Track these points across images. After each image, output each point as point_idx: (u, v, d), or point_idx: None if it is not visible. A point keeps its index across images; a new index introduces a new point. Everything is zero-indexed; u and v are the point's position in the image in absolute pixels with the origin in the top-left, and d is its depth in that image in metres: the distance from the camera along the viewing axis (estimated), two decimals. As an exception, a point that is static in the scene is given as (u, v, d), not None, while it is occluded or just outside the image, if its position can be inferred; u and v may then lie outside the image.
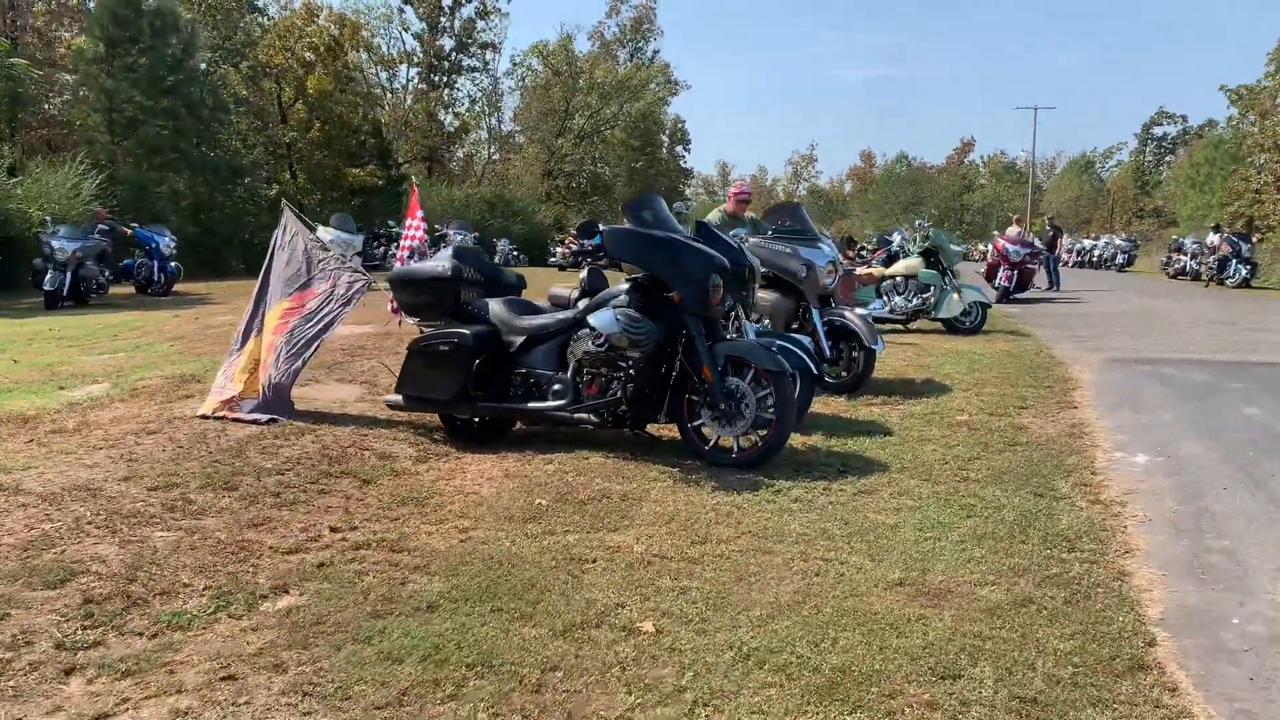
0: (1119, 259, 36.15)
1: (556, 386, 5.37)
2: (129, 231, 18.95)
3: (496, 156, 57.71)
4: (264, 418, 5.93)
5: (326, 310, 6.05)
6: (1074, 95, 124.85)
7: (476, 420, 5.77)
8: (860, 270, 12.87)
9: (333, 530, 4.05)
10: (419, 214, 6.56)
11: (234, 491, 4.56)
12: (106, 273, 16.69)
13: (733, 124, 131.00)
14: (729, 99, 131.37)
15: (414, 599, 3.28)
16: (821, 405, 7.09)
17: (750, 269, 6.16)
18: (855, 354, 7.51)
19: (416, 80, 48.68)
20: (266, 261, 6.42)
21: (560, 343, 5.48)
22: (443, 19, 47.63)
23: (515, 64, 55.06)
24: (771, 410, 5.00)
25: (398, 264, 6.62)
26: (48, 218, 16.17)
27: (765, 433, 5.07)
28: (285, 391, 6.09)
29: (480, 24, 48.62)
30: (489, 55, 51.00)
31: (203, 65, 28.99)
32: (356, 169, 36.82)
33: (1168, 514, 4.41)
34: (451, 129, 49.30)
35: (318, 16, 36.71)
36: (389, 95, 48.79)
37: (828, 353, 7.48)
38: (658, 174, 63.53)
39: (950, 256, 12.26)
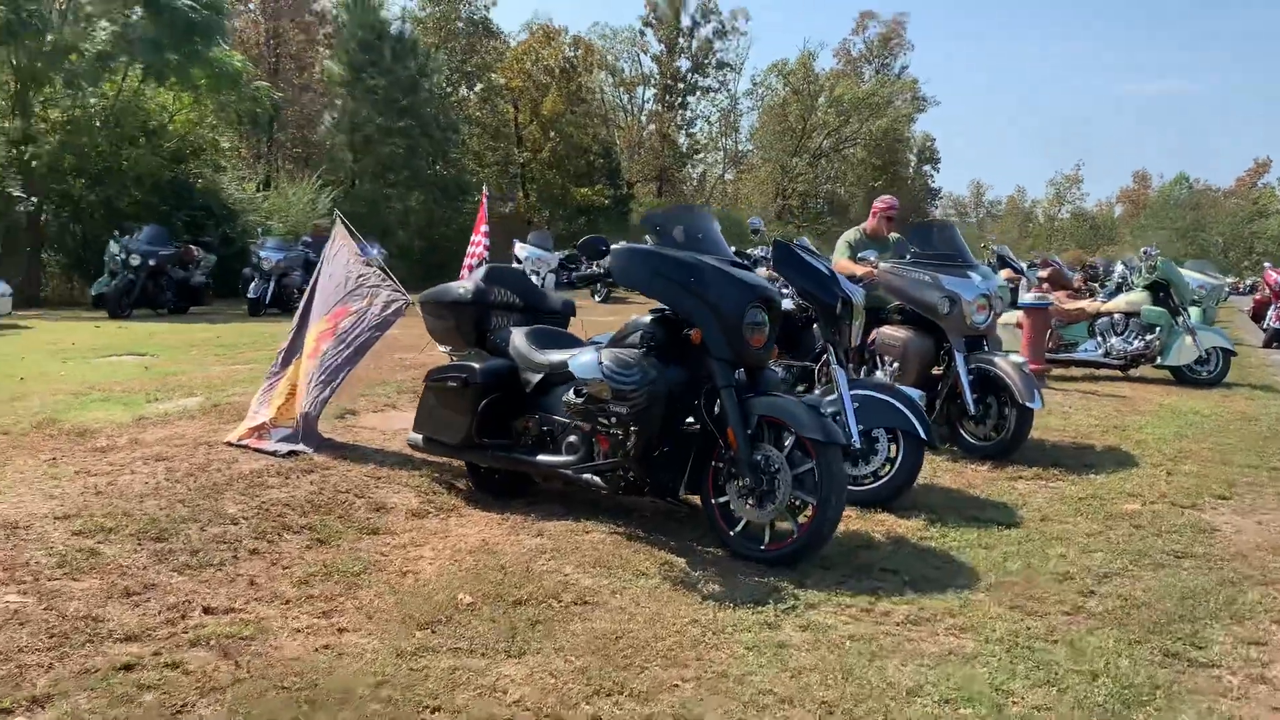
0: None
1: (571, 438, 4.40)
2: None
3: (730, 176, 57.30)
4: (284, 449, 5.37)
5: (358, 332, 5.41)
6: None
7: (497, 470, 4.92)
8: (1069, 304, 10.93)
9: (206, 611, 3.30)
10: (483, 228, 5.80)
11: (158, 543, 3.93)
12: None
13: (988, 142, 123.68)
14: (984, 116, 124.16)
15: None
16: (953, 474, 5.70)
17: (845, 302, 4.95)
18: (1007, 411, 6.01)
19: (652, 101, 49.08)
20: (314, 278, 5.90)
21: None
22: (681, 40, 47.75)
23: (755, 84, 54.43)
24: (814, 492, 3.80)
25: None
26: (259, 229, 17.03)
27: (805, 519, 3.87)
28: (313, 423, 5.51)
29: (718, 44, 48.38)
30: (727, 75, 50.70)
31: (437, 87, 30.27)
32: (585, 188, 37.39)
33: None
34: (684, 149, 49.21)
35: (554, 39, 37.64)
36: (625, 116, 49.51)
37: (971, 408, 6.04)
38: (899, 193, 60.60)
39: (1184, 292, 10.13)
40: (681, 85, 48.05)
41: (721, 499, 4.01)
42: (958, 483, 5.52)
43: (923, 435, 4.83)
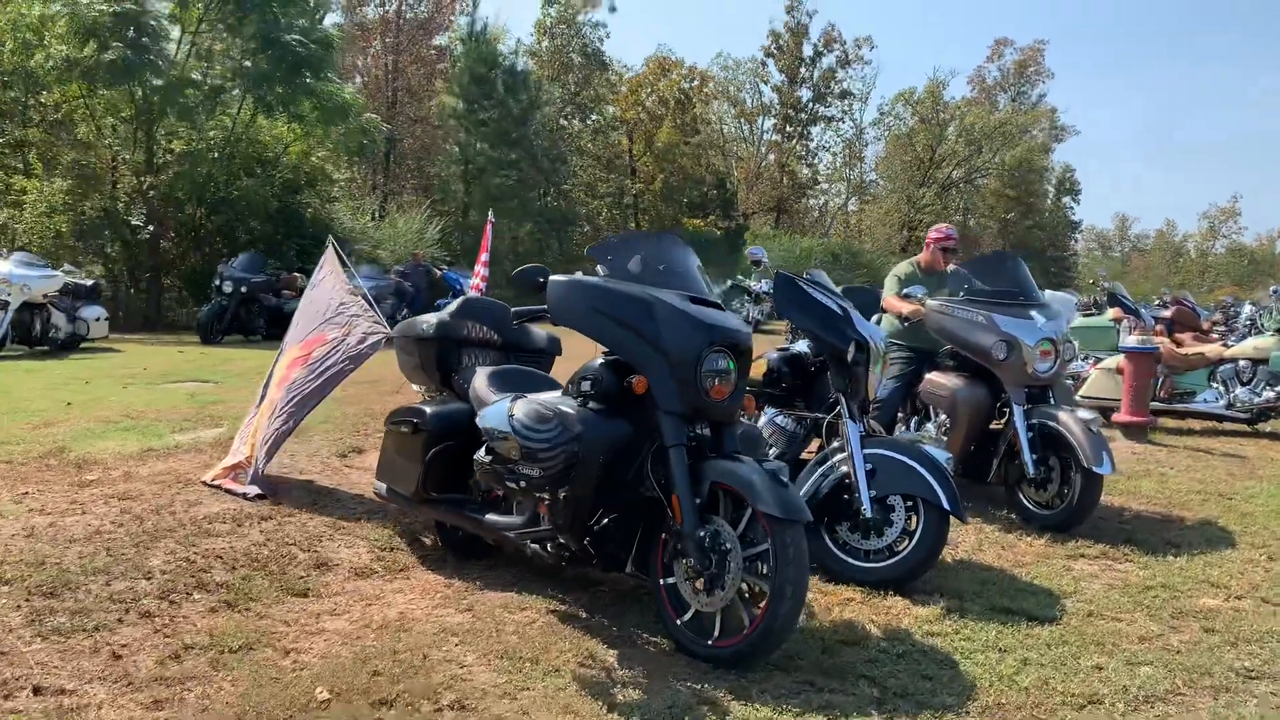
0: None
1: (521, 499, 3.84)
2: (439, 273, 19.91)
3: (854, 206, 55.94)
4: (252, 492, 5.01)
5: (331, 362, 5.00)
6: None
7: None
8: (1189, 348, 9.73)
9: (34, 692, 2.88)
10: (484, 256, 5.35)
11: (47, 599, 3.57)
12: (404, 310, 17.39)
13: (1135, 173, 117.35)
14: (1133, 146, 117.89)
15: None
16: (1001, 547, 4.89)
17: (860, 346, 4.27)
18: (1072, 475, 5.14)
19: (771, 131, 48.40)
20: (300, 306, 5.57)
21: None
22: (802, 69, 46.96)
23: (882, 113, 53.08)
24: (768, 576, 3.12)
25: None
26: (351, 259, 17.16)
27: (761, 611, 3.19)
28: (270, 455, 5.10)
29: (840, 73, 47.38)
30: (852, 104, 49.61)
31: (548, 120, 30.48)
32: (697, 219, 37.00)
33: None
34: (802, 179, 48.26)
35: (670, 71, 37.52)
36: (745, 146, 48.97)
37: (1030, 469, 5.20)
38: (1035, 226, 58.11)
39: (1323, 336, 8.85)
40: (803, 115, 47.20)
41: (669, 580, 3.38)
42: (1002, 559, 4.70)
43: (945, 506, 4.07)
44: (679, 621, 3.31)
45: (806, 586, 3.17)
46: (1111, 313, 9.87)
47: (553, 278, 3.52)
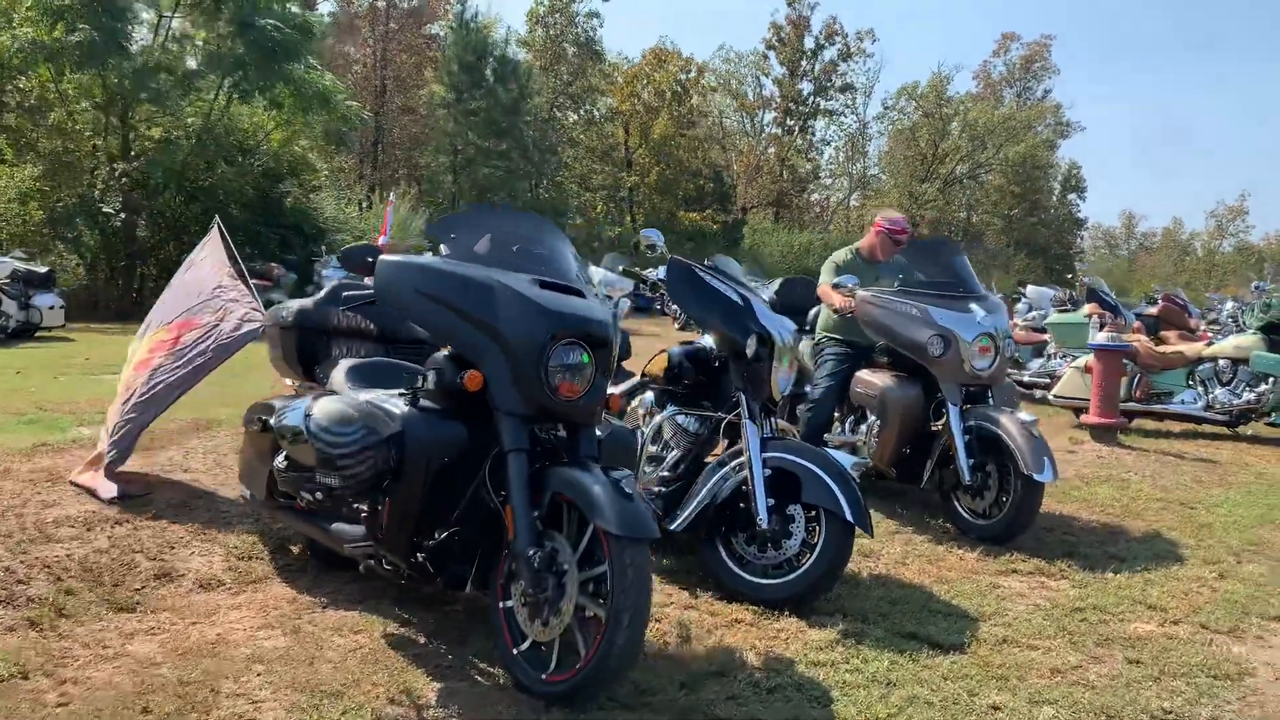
0: None
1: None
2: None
3: (857, 202, 55.38)
4: (107, 493, 4.58)
5: (200, 350, 4.59)
6: None
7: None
8: (1168, 346, 9.29)
9: None
10: (382, 240, 4.95)
11: None
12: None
13: (1142, 170, 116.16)
14: (1141, 143, 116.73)
15: None
16: (928, 560, 4.50)
17: (763, 340, 3.88)
18: (1011, 482, 4.72)
19: (772, 124, 47.87)
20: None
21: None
22: (804, 62, 46.38)
23: (886, 108, 52.50)
24: (603, 602, 2.72)
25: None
26: (322, 247, 16.79)
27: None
28: (122, 453, 4.67)
29: (842, 66, 46.78)
30: (855, 98, 49.05)
31: (539, 110, 30.08)
32: (694, 213, 36.58)
33: None
34: (803, 173, 47.72)
35: (666, 62, 37.02)
36: (746, 140, 48.44)
37: (966, 476, 4.78)
38: (1040, 223, 57.55)
39: (1307, 335, 8.39)
40: (803, 109, 46.64)
41: (508, 603, 2.97)
42: (925, 575, 4.28)
43: (848, 517, 3.65)
44: (515, 651, 2.90)
45: (648, 612, 2.76)
46: (1088, 308, 9.44)
47: (383, 258, 3.10)
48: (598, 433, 3.23)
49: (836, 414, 5.59)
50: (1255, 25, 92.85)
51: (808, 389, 5.53)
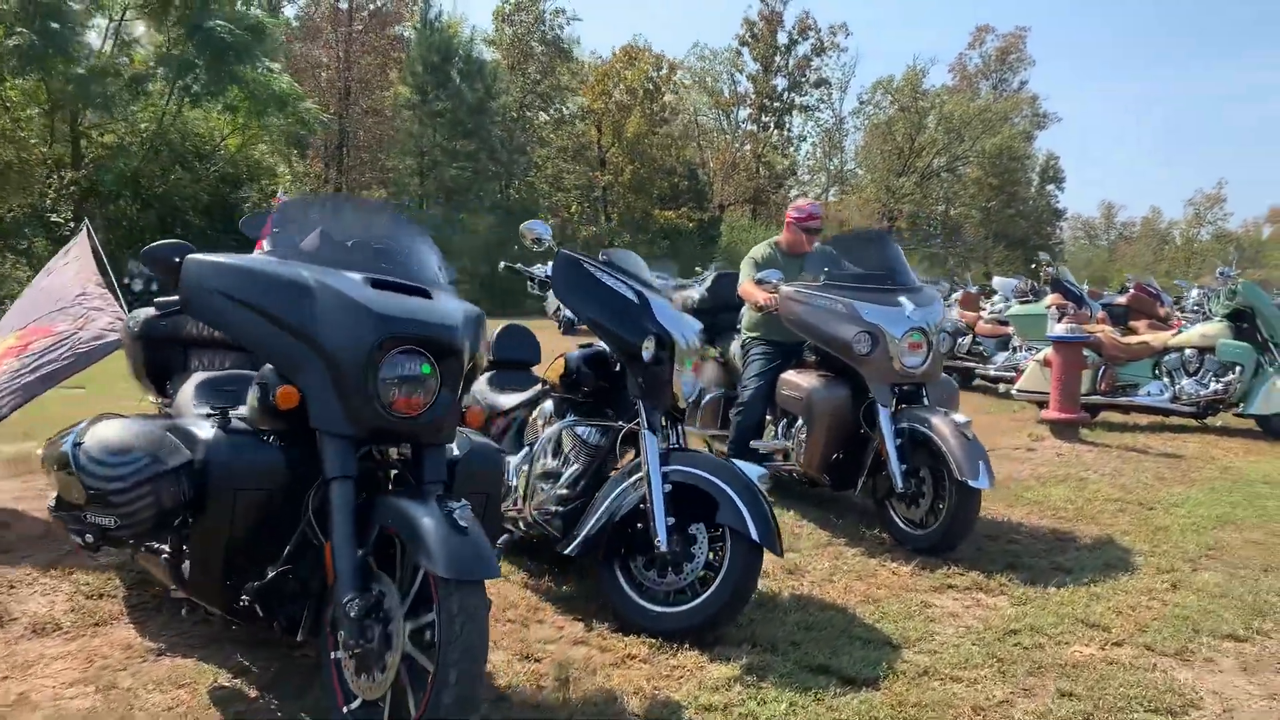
0: None
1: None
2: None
3: (835, 198, 55.11)
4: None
5: (52, 358, 4.17)
6: None
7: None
8: (1134, 336, 8.97)
9: None
10: (264, 245, 4.51)
11: None
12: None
13: (1121, 160, 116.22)
14: (1119, 132, 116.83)
15: None
16: (859, 575, 4.15)
17: (662, 342, 3.52)
18: (946, 489, 4.35)
19: (747, 121, 47.54)
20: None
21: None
22: (778, 58, 46.06)
23: (862, 102, 52.24)
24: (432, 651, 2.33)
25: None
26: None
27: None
28: None
29: (816, 61, 46.50)
30: (831, 93, 48.80)
31: (506, 109, 29.65)
32: (669, 211, 36.21)
33: None
34: (779, 169, 47.40)
35: (637, 60, 36.59)
36: (722, 137, 48.11)
37: (898, 482, 4.41)
38: (1018, 214, 57.44)
39: (1274, 324, 8.07)
40: (777, 105, 46.34)
41: (339, 654, 2.58)
42: (852, 593, 3.91)
43: (753, 536, 3.28)
44: (346, 710, 2.51)
45: (482, 664, 2.36)
46: (1050, 299, 9.11)
47: (190, 257, 2.69)
48: (456, 451, 2.85)
49: (770, 417, 5.22)
50: (1231, 12, 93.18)
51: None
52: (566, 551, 3.54)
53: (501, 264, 4.18)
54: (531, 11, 32.85)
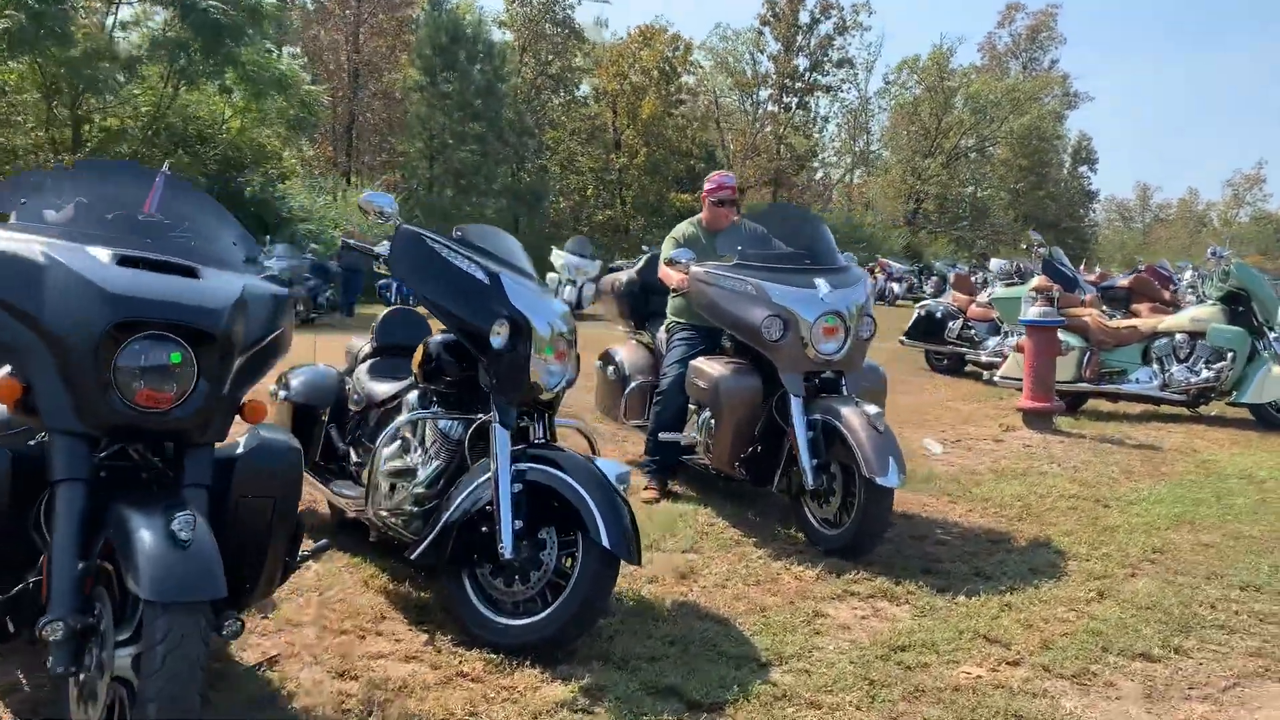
0: None
1: None
2: (377, 252, 18.84)
3: (860, 180, 54.34)
4: None
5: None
6: None
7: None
8: (1121, 320, 8.49)
9: None
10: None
11: None
12: (327, 290, 16.16)
13: (1157, 141, 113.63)
14: (1155, 113, 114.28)
15: None
16: (760, 579, 3.80)
17: (517, 328, 3.20)
18: (855, 486, 3.99)
19: (768, 102, 46.84)
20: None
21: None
22: (799, 38, 45.28)
23: (888, 82, 51.30)
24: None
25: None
26: (268, 237, 16.11)
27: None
28: None
29: (838, 40, 45.64)
30: (856, 73, 47.94)
31: (516, 91, 29.31)
32: (686, 194, 35.78)
33: None
34: (801, 150, 46.69)
35: (653, 40, 36.10)
36: (744, 118, 47.47)
37: (809, 478, 4.06)
38: (1048, 196, 56.32)
39: (1270, 307, 7.58)
40: (799, 85, 45.58)
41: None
42: (742, 601, 3.57)
43: (605, 543, 2.95)
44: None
45: (193, 698, 2.06)
46: (1035, 281, 8.64)
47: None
48: (240, 449, 2.55)
49: (694, 407, 4.88)
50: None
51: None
52: (411, 558, 3.23)
53: (340, 240, 3.88)
54: (543, -9, 32.47)
